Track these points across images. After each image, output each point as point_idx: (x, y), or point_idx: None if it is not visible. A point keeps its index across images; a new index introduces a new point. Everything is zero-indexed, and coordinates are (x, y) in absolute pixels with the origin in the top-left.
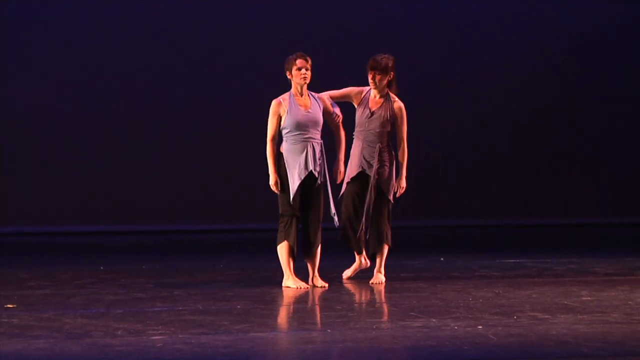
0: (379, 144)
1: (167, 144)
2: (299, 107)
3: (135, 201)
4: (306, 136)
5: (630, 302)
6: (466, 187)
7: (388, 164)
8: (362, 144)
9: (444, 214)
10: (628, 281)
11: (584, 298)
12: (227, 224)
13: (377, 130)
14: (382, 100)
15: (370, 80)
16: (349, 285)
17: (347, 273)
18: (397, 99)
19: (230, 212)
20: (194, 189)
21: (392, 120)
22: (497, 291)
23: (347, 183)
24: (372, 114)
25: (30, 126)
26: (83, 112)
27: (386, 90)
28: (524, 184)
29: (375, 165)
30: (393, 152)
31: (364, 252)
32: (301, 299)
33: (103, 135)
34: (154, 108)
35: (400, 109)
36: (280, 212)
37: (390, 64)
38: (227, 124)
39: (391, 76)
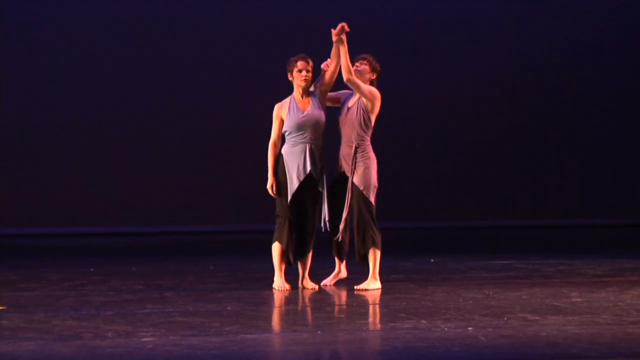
0: (355, 142)
1: (159, 146)
2: (299, 109)
3: (126, 203)
4: (305, 138)
5: (620, 304)
6: (457, 188)
7: (364, 164)
8: (340, 145)
9: (434, 215)
10: (618, 282)
11: (573, 299)
12: (217, 226)
13: (353, 127)
14: (357, 96)
15: (355, 67)
16: (339, 287)
17: (325, 281)
18: None
19: (222, 214)
20: (184, 191)
21: (366, 111)
22: (487, 292)
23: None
24: (349, 109)
25: (22, 128)
26: (76, 115)
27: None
28: (515, 186)
29: (352, 165)
30: (371, 153)
31: (344, 261)
32: (291, 301)
33: (95, 138)
34: (147, 110)
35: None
36: (276, 212)
37: None
38: (219, 126)
39: (374, 76)
